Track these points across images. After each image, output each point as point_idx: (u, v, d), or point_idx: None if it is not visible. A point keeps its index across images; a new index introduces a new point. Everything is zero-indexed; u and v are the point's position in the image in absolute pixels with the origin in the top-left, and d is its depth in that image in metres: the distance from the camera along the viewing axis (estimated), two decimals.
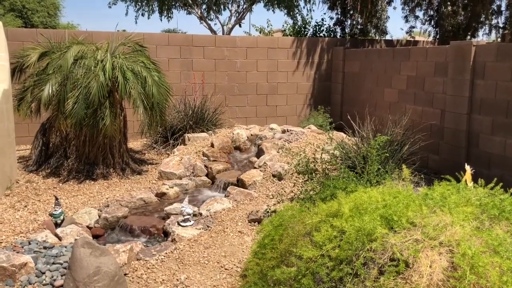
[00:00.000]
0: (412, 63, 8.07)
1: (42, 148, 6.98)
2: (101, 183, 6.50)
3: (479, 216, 2.67)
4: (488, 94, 6.47)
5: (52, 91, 6.26)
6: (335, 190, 3.59)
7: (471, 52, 6.67)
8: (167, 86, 7.09)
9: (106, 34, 8.57)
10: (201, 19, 15.59)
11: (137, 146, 8.61)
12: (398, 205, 2.64)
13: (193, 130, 8.25)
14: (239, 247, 4.37)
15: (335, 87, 10.75)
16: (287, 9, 14.90)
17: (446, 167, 6.96)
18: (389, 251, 2.37)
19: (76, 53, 6.44)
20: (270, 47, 10.34)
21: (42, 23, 21.29)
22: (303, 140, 7.35)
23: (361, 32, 11.97)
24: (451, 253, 2.35)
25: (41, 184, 6.33)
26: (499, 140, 6.32)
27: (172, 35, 9.89)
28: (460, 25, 11.12)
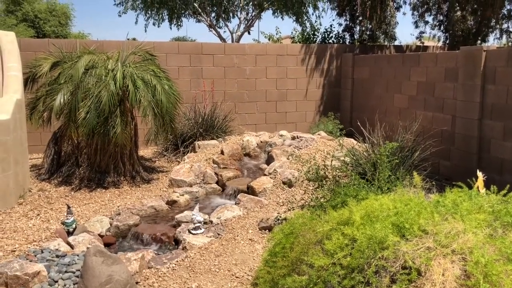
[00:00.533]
0: (422, 69, 8.05)
1: (54, 157, 7.06)
2: (112, 191, 6.54)
3: (492, 224, 2.65)
4: (499, 100, 6.42)
5: (64, 100, 6.33)
6: (346, 198, 3.58)
7: (482, 57, 6.63)
8: (177, 94, 7.14)
9: (117, 43, 8.67)
10: (211, 27, 15.70)
11: (148, 154, 8.66)
12: (409, 213, 2.62)
13: (203, 138, 8.28)
14: (250, 255, 4.37)
15: (345, 94, 10.74)
16: (296, 16, 14.96)
17: (458, 173, 6.91)
18: (401, 259, 2.35)
19: (87, 62, 6.52)
20: (279, 54, 10.37)
21: (53, 32, 21.56)
22: (313, 146, 7.34)
23: (370, 38, 11.96)
24: (464, 261, 2.33)
25: (53, 192, 6.39)
26: (511, 145, 6.26)
27: (182, 43, 9.98)
28: (470, 30, 11.06)
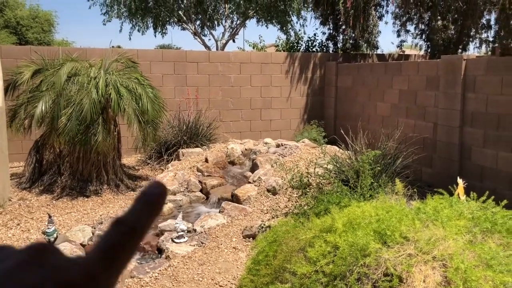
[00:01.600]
0: (404, 77, 8.16)
1: (35, 165, 6.96)
2: (95, 199, 6.47)
3: (471, 230, 2.68)
4: (479, 107, 6.54)
5: (46, 108, 6.26)
6: (329, 205, 3.60)
7: (462, 66, 6.75)
8: (161, 101, 7.11)
9: (100, 51, 8.61)
10: (195, 35, 15.71)
11: (131, 162, 8.59)
12: (391, 220, 2.65)
13: (187, 145, 8.25)
14: (234, 263, 4.36)
15: (328, 102, 10.82)
16: (280, 24, 15.06)
17: (440, 180, 6.99)
18: (383, 266, 2.37)
19: (69, 70, 6.46)
20: (263, 62, 10.42)
21: (36, 39, 21.34)
22: (297, 154, 7.37)
23: (353, 46, 12.10)
24: (444, 268, 2.36)
25: (34, 201, 6.29)
26: (491, 153, 6.37)
27: (166, 51, 9.95)
28: (451, 39, 11.26)
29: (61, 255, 0.33)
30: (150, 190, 0.36)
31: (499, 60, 6.53)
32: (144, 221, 0.35)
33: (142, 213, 0.35)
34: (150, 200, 0.36)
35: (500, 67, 6.24)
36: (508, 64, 6.15)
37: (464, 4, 10.50)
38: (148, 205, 0.36)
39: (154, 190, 0.36)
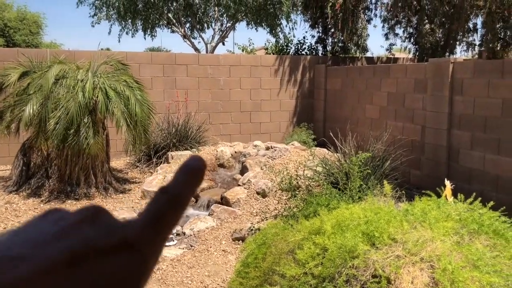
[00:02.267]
0: (392, 80, 8.22)
1: (22, 168, 6.88)
2: (83, 203, 6.41)
3: (459, 231, 2.71)
4: (467, 110, 6.60)
5: (33, 111, 6.20)
6: (318, 207, 3.61)
7: (449, 69, 6.82)
8: (150, 104, 7.08)
9: (89, 53, 8.56)
10: (185, 38, 15.69)
11: (120, 165, 8.54)
12: (379, 221, 2.66)
13: (177, 148, 8.22)
14: (223, 266, 4.34)
15: (318, 104, 10.86)
16: (270, 27, 15.09)
17: (428, 182, 7.04)
18: (371, 267, 2.38)
19: (57, 72, 6.41)
20: (253, 65, 10.43)
21: (24, 41, 21.15)
22: (287, 156, 7.38)
23: (342, 49, 12.16)
24: (432, 269, 2.38)
25: (22, 205, 6.22)
26: (478, 155, 6.44)
27: (155, 53, 9.92)
28: (438, 42, 11.38)
29: (113, 217, 0.35)
30: (190, 162, 0.39)
31: (486, 63, 6.61)
32: (187, 190, 0.37)
33: (184, 183, 0.37)
34: (191, 172, 0.38)
35: (487, 70, 6.31)
36: (495, 67, 6.22)
37: (451, 8, 10.63)
38: (190, 176, 0.38)
39: (195, 162, 0.38)
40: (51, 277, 0.29)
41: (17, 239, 0.31)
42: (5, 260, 0.29)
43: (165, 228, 0.35)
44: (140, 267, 0.33)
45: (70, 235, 0.32)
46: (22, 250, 0.30)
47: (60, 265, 0.30)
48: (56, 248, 0.31)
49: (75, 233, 0.32)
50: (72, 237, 0.32)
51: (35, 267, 0.29)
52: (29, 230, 0.33)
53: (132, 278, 0.33)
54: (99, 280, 0.31)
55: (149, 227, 0.35)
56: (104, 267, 0.31)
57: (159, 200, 0.36)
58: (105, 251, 0.32)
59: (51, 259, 0.30)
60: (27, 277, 0.28)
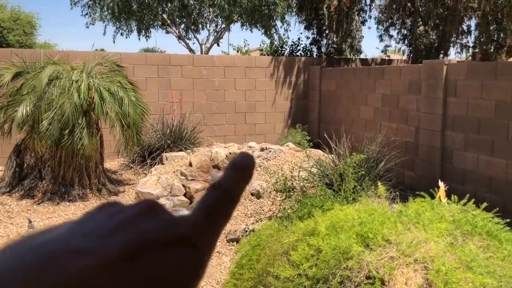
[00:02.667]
0: (386, 82, 8.24)
1: (16, 169, 6.84)
2: (77, 204, 6.38)
3: (452, 232, 2.72)
4: (460, 112, 6.63)
5: (27, 111, 6.16)
6: (312, 208, 3.61)
7: (443, 70, 6.85)
8: (144, 105, 7.06)
9: (83, 54, 8.52)
10: (180, 38, 15.67)
11: (114, 166, 8.51)
12: (373, 223, 2.67)
13: (171, 149, 8.20)
14: (217, 267, 4.34)
15: (312, 105, 10.87)
16: (265, 28, 15.10)
17: (422, 184, 7.07)
18: (365, 269, 2.38)
19: (51, 73, 6.38)
20: (248, 66, 10.43)
21: (18, 42, 21.03)
22: (282, 157, 7.38)
23: (337, 51, 12.19)
24: (425, 270, 2.38)
25: (14, 206, 6.18)
26: (471, 156, 6.47)
27: (149, 54, 9.90)
28: (432, 44, 11.44)
29: (168, 212, 0.36)
30: (240, 159, 0.39)
31: (480, 65, 6.65)
32: (237, 186, 0.38)
33: (235, 179, 0.38)
34: (241, 168, 0.39)
35: (481, 72, 6.34)
36: (488, 69, 6.26)
37: (445, 10, 10.68)
38: (240, 172, 0.39)
39: (244, 159, 0.39)
40: (110, 271, 0.29)
41: (75, 232, 0.32)
42: (66, 253, 0.29)
43: (218, 223, 0.36)
44: (195, 262, 0.33)
45: (127, 228, 0.32)
46: (82, 243, 0.30)
47: (119, 258, 0.30)
48: (115, 242, 0.31)
49: (132, 226, 0.32)
50: (129, 231, 0.32)
51: (95, 260, 0.29)
52: (86, 224, 0.33)
53: (188, 272, 0.33)
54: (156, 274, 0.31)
55: (203, 222, 0.35)
56: (161, 261, 0.31)
57: (211, 196, 0.37)
58: (162, 245, 0.32)
59: (110, 252, 0.30)
60: (89, 270, 0.28)
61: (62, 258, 0.29)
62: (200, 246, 0.34)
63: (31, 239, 0.31)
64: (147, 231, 0.32)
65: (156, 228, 0.33)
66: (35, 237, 0.31)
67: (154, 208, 0.35)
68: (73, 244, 0.30)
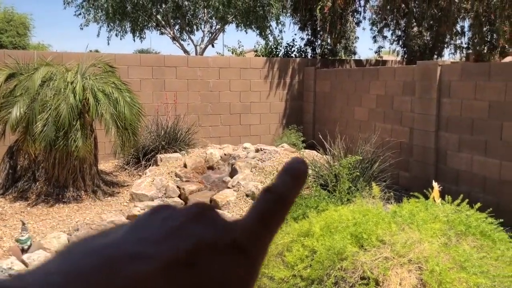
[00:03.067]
0: (381, 83, 8.26)
1: (9, 171, 6.80)
2: (71, 206, 6.35)
3: (446, 232, 2.73)
4: (454, 112, 6.66)
5: (20, 113, 6.13)
6: (307, 209, 3.61)
7: (437, 71, 6.87)
8: (139, 106, 7.04)
9: (76, 55, 8.49)
10: (174, 40, 15.65)
11: (108, 168, 8.48)
12: (368, 223, 2.67)
13: (166, 151, 8.19)
14: None
15: (307, 106, 10.89)
16: (259, 29, 15.11)
17: (416, 184, 7.09)
18: (360, 269, 2.39)
19: (44, 74, 6.35)
20: (242, 67, 10.43)
21: (11, 43, 20.93)
22: (277, 159, 7.38)
23: (331, 52, 12.22)
24: (420, 270, 2.39)
25: (8, 208, 6.14)
26: (465, 157, 6.49)
27: (144, 55, 9.88)
28: (427, 45, 11.48)
29: (221, 216, 0.35)
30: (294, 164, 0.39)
31: (473, 66, 6.68)
32: (291, 191, 0.37)
33: (288, 184, 0.37)
34: (295, 173, 0.38)
35: (474, 73, 6.38)
36: (482, 70, 6.29)
37: (438, 11, 10.73)
38: (294, 177, 0.38)
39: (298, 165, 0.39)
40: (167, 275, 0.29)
41: (131, 237, 0.32)
42: (124, 258, 0.29)
43: (272, 227, 0.35)
44: (249, 268, 0.33)
45: (182, 233, 0.32)
46: (138, 248, 0.30)
47: (175, 263, 0.30)
48: (170, 246, 0.31)
49: (186, 231, 0.32)
50: (184, 236, 0.32)
51: (152, 265, 0.29)
52: (140, 228, 0.33)
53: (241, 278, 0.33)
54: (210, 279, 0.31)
55: (257, 227, 0.35)
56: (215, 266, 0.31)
57: (265, 200, 0.36)
58: (216, 250, 0.32)
59: (166, 257, 0.30)
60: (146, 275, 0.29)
61: (120, 263, 0.29)
62: (253, 251, 0.34)
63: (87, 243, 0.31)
64: (201, 236, 0.32)
65: (209, 232, 0.33)
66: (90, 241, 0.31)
67: (207, 211, 0.35)
68: (130, 249, 0.30)
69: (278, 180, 0.38)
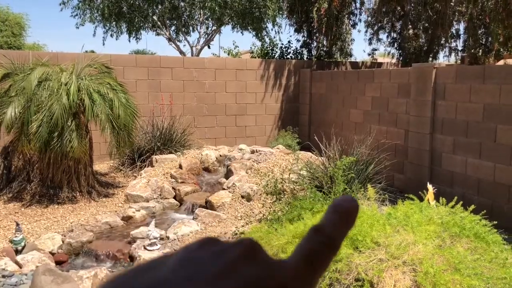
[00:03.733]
0: (376, 85, 8.29)
1: (3, 172, 6.77)
2: (66, 207, 6.33)
3: (441, 234, 2.74)
4: (449, 115, 6.69)
5: (15, 113, 6.10)
6: (302, 211, 3.62)
7: (432, 74, 6.90)
8: (134, 107, 7.03)
9: (72, 55, 8.47)
10: (170, 41, 15.63)
11: (103, 169, 8.45)
12: (362, 225, 2.68)
13: (161, 152, 8.17)
14: None
15: (303, 108, 10.90)
16: (255, 31, 15.13)
17: (411, 186, 7.11)
18: (354, 271, 2.39)
19: (40, 75, 6.33)
20: (238, 68, 10.43)
21: (6, 43, 20.83)
22: (272, 160, 7.39)
23: (327, 54, 12.24)
24: (414, 272, 2.40)
25: (2, 209, 6.11)
26: (460, 159, 6.52)
27: (139, 56, 9.86)
28: (422, 47, 11.52)
29: (268, 254, 0.34)
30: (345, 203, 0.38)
31: (468, 69, 6.72)
32: (340, 233, 0.36)
33: (337, 225, 0.36)
34: (345, 213, 0.37)
35: (469, 76, 6.41)
36: (476, 72, 6.32)
37: (434, 14, 10.77)
38: (344, 217, 0.37)
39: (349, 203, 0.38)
40: None
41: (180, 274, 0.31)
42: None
43: (318, 270, 0.35)
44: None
45: (232, 274, 0.31)
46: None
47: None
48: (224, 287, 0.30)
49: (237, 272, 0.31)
50: (234, 277, 0.31)
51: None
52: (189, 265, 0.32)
53: None
54: None
55: (304, 269, 0.34)
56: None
57: (313, 241, 0.35)
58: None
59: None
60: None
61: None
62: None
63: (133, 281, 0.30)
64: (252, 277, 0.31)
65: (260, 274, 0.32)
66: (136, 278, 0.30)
67: (256, 249, 0.34)
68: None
69: (327, 219, 0.37)
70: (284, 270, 0.33)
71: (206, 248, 0.34)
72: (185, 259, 0.33)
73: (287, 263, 0.34)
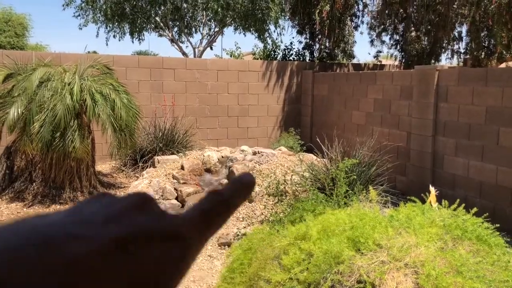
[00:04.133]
0: (378, 87, 8.29)
1: (6, 172, 6.78)
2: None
3: (443, 237, 2.73)
4: (451, 117, 6.69)
5: (18, 114, 6.12)
6: (304, 213, 3.62)
7: (435, 76, 6.90)
8: (136, 108, 7.04)
9: (75, 56, 8.49)
10: (173, 42, 15.65)
11: (106, 169, 8.46)
12: (364, 227, 2.68)
13: (163, 153, 8.18)
14: (209, 271, 4.32)
15: (305, 110, 10.90)
16: (258, 32, 15.13)
17: (413, 188, 7.11)
18: (356, 273, 2.39)
19: (42, 75, 6.34)
20: (241, 70, 10.44)
21: (9, 43, 20.88)
22: (274, 161, 7.38)
23: (329, 56, 12.24)
24: (416, 274, 2.39)
25: (4, 209, 6.13)
26: (462, 161, 6.51)
27: (142, 57, 9.87)
28: (424, 49, 11.52)
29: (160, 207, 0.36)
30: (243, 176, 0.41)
31: (470, 71, 6.71)
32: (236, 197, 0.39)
33: (235, 192, 0.39)
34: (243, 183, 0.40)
35: (471, 78, 6.40)
36: (479, 75, 6.32)
37: (436, 16, 10.77)
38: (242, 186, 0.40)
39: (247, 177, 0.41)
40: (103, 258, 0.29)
41: (71, 219, 0.32)
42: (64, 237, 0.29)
43: (212, 226, 0.36)
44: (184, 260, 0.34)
45: (122, 219, 0.32)
46: (78, 229, 0.30)
47: (112, 246, 0.30)
48: (109, 230, 0.31)
49: (126, 217, 0.33)
50: (124, 221, 0.32)
51: (90, 246, 0.29)
52: (80, 212, 0.33)
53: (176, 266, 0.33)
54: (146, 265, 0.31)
55: (199, 222, 0.35)
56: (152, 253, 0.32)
57: (211, 200, 0.37)
58: (155, 238, 0.32)
59: (104, 240, 0.30)
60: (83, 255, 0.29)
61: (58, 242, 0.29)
62: (190, 242, 0.34)
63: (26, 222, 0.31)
64: (141, 223, 0.33)
65: (150, 220, 0.33)
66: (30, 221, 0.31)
67: (148, 201, 0.35)
68: (69, 229, 0.30)
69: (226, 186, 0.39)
70: (177, 219, 0.35)
71: (98, 200, 0.35)
72: (77, 207, 0.34)
73: (183, 216, 0.36)
